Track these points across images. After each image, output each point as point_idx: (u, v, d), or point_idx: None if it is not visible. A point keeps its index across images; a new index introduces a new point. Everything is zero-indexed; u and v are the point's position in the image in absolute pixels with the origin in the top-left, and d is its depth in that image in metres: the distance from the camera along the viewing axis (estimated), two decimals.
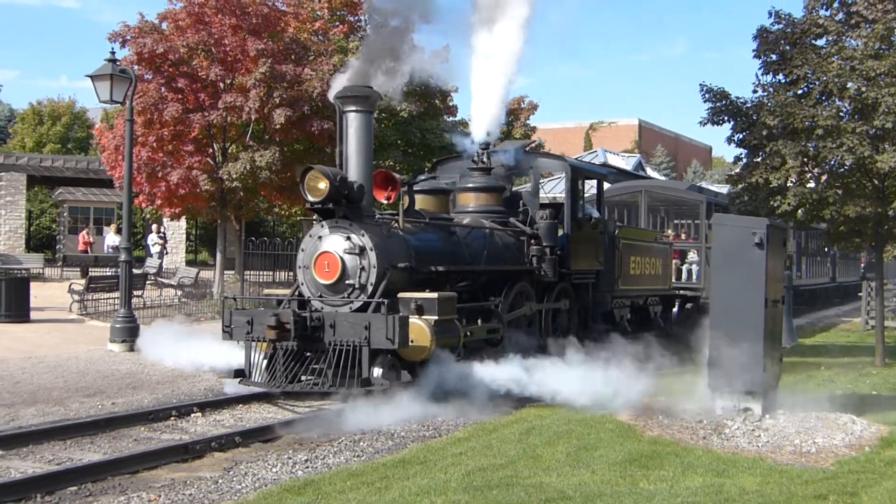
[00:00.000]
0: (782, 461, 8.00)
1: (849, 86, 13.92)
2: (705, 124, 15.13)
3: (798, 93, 14.49)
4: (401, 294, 10.53)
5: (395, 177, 11.50)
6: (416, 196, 12.32)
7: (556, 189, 21.71)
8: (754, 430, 9.05)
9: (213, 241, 27.16)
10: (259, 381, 10.42)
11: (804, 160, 14.21)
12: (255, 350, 10.49)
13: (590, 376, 10.69)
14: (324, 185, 10.42)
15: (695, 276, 19.94)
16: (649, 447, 8.36)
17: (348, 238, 10.56)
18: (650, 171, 43.43)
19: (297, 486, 6.88)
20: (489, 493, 6.62)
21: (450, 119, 28.28)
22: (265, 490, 6.84)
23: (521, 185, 21.35)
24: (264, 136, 22.46)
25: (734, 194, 15.59)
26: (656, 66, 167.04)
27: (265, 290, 16.39)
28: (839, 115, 14.04)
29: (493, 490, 6.71)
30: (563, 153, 31.61)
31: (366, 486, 6.88)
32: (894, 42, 14.19)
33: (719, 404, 9.77)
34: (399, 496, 6.57)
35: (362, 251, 10.49)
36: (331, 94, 11.37)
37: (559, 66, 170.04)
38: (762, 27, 15.06)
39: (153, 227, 29.16)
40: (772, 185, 14.32)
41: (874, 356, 15.44)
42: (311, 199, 10.60)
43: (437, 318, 10.22)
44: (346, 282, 10.53)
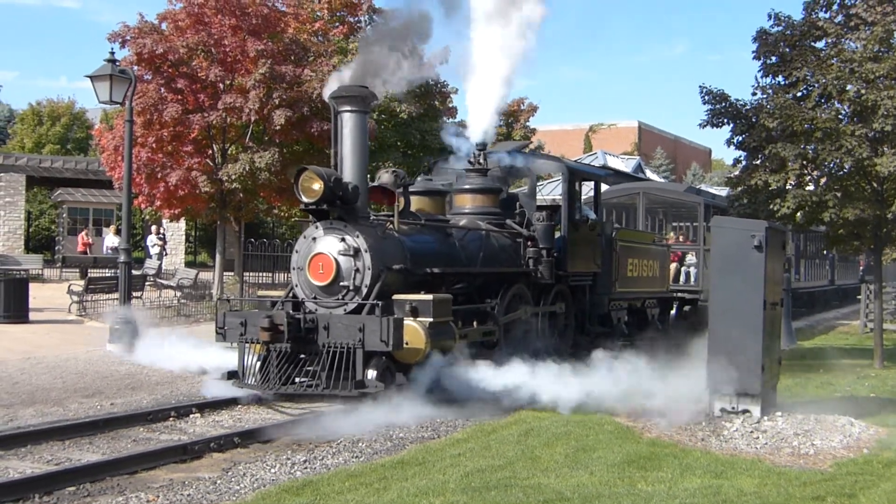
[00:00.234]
0: (780, 463, 8.01)
1: (848, 88, 13.90)
2: (705, 126, 15.09)
3: (797, 95, 14.50)
4: (395, 296, 10.42)
5: (391, 189, 11.33)
6: (412, 197, 12.16)
7: (555, 191, 21.71)
8: (753, 431, 9.06)
9: (213, 242, 27.15)
10: (252, 383, 10.30)
11: (803, 163, 14.20)
12: (249, 352, 10.38)
13: (587, 379, 10.68)
14: (318, 186, 10.32)
15: (692, 279, 19.92)
16: (647, 449, 8.37)
17: (343, 239, 10.46)
18: (649, 174, 43.47)
19: (295, 486, 6.89)
20: (487, 494, 6.63)
21: (449, 120, 28.30)
22: (263, 491, 6.84)
23: (519, 186, 21.34)
24: (264, 137, 22.47)
25: (733, 197, 15.57)
26: (656, 68, 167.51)
27: (260, 292, 16.41)
28: (838, 117, 14.04)
29: (492, 491, 6.72)
30: (563, 155, 31.56)
31: (364, 486, 6.89)
32: (893, 44, 14.18)
33: (718, 406, 9.77)
34: (397, 497, 6.57)
35: (357, 253, 10.39)
36: (325, 94, 11.29)
37: (559, 67, 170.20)
38: (761, 29, 15.06)
39: (152, 229, 29.13)
40: (771, 187, 14.32)
41: (873, 359, 15.44)
42: (305, 199, 10.50)
43: (432, 320, 10.12)
44: (341, 283, 10.43)
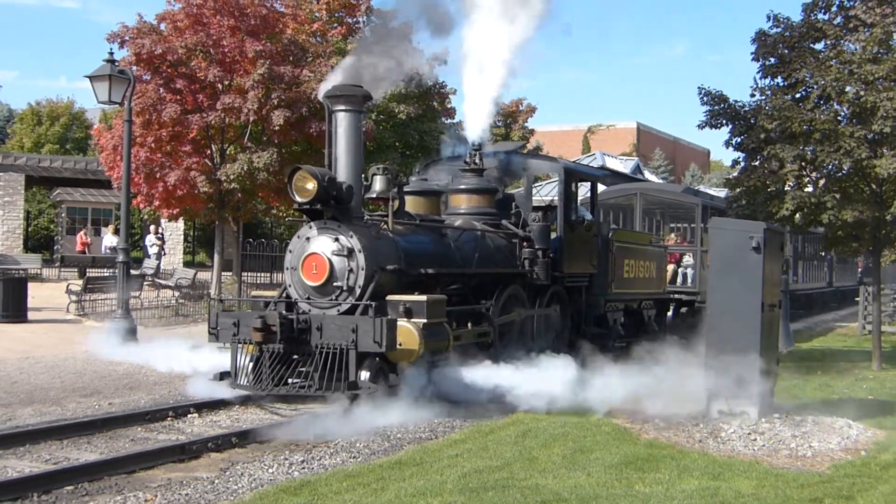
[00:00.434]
0: (778, 465, 8.02)
1: (847, 90, 13.89)
2: (703, 127, 15.11)
3: (796, 96, 14.51)
4: (389, 297, 10.31)
5: (385, 196, 11.16)
6: (407, 197, 12.01)
7: (553, 192, 21.66)
8: (750, 433, 9.06)
9: (211, 242, 27.13)
10: (245, 383, 10.21)
11: (802, 164, 14.21)
12: (242, 352, 10.28)
13: (582, 380, 10.66)
14: (312, 186, 10.23)
15: (689, 280, 19.90)
16: (645, 450, 8.37)
17: (336, 239, 10.36)
18: (648, 175, 43.47)
19: (293, 486, 6.89)
20: (485, 495, 6.64)
21: (448, 121, 28.30)
22: (261, 490, 6.84)
23: (517, 187, 21.35)
24: (262, 137, 22.46)
25: (732, 198, 15.58)
26: (656, 69, 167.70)
27: (254, 292, 16.35)
28: (837, 118, 14.05)
29: (489, 492, 6.72)
30: (561, 156, 31.61)
31: (362, 486, 6.89)
32: (893, 46, 14.18)
33: (715, 408, 9.77)
34: (395, 497, 6.58)
35: (350, 253, 10.29)
36: (320, 93, 11.19)
37: (558, 68, 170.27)
38: (760, 30, 15.07)
39: (151, 228, 29.13)
40: (770, 189, 14.32)
41: (871, 361, 15.45)
42: (299, 199, 10.39)
43: (425, 321, 10.00)
44: (334, 284, 10.33)
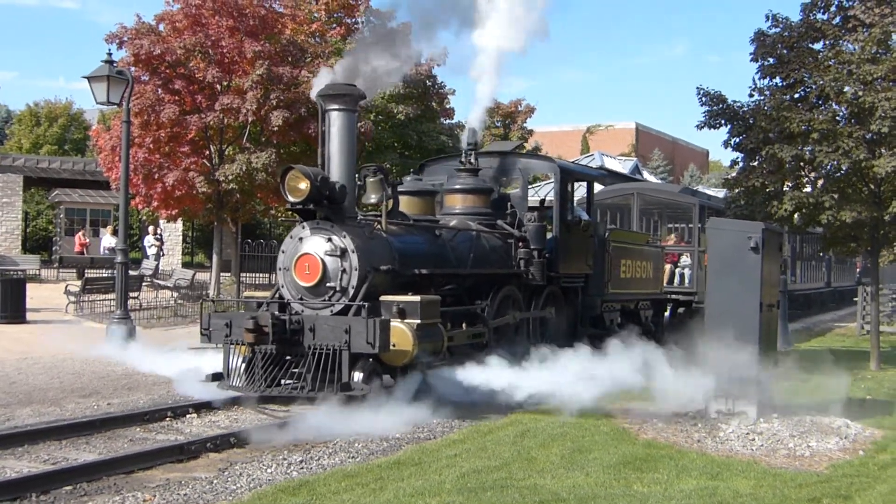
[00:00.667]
0: (776, 464, 8.03)
1: (846, 90, 13.89)
2: (702, 128, 15.09)
3: (795, 96, 14.51)
4: (383, 297, 10.24)
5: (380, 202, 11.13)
6: (402, 197, 11.93)
7: (551, 193, 21.60)
8: (749, 433, 9.06)
9: (210, 243, 27.16)
10: (237, 384, 10.13)
11: (800, 164, 14.21)
12: (235, 353, 10.21)
13: (578, 381, 10.64)
14: (304, 186, 10.15)
15: (687, 280, 19.88)
16: (643, 450, 8.38)
17: (329, 240, 10.29)
18: (647, 175, 43.47)
19: (291, 486, 6.89)
20: (483, 495, 6.64)
21: (447, 122, 28.31)
22: (260, 490, 6.84)
23: (514, 188, 21.33)
24: (261, 138, 22.47)
25: (731, 198, 15.58)
26: (655, 69, 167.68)
27: (247, 293, 16.28)
28: (835, 119, 14.05)
29: (488, 492, 6.73)
30: (560, 156, 31.62)
31: (360, 486, 6.89)
32: (891, 46, 14.18)
33: (714, 407, 9.78)
34: (393, 497, 6.58)
35: (344, 253, 10.22)
36: (313, 93, 11.13)
37: (557, 69, 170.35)
38: (759, 30, 15.08)
39: (149, 229, 29.12)
40: (768, 189, 14.33)
41: (869, 361, 15.46)
42: (291, 199, 10.32)
43: (419, 321, 9.94)
44: (327, 284, 10.25)
